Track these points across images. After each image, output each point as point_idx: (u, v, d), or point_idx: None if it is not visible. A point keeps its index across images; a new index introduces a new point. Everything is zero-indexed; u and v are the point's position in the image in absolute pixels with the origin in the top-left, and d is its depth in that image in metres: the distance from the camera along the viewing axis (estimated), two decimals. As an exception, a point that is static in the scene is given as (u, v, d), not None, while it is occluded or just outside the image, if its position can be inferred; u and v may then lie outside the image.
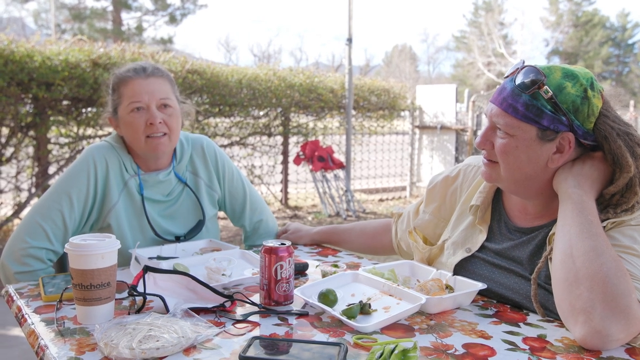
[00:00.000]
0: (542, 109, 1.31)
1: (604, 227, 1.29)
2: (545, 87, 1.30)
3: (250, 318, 1.30)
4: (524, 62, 1.37)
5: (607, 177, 1.34)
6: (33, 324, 1.26)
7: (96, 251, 1.24)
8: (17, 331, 3.58)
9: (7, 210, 5.99)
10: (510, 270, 1.45)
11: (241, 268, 1.70)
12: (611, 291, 1.12)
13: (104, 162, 1.83)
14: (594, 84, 1.33)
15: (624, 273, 1.16)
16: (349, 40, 7.84)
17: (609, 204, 1.33)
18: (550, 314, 1.33)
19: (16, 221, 5.71)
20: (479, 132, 1.44)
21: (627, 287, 1.14)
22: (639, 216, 1.31)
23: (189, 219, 1.98)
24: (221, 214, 2.16)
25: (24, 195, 5.86)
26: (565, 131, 1.32)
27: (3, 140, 5.54)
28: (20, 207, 5.70)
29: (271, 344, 1.14)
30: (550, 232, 1.37)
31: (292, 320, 1.30)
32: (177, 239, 1.91)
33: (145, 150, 1.83)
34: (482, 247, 1.53)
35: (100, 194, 1.83)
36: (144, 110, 1.79)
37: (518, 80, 1.34)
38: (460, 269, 1.55)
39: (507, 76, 1.40)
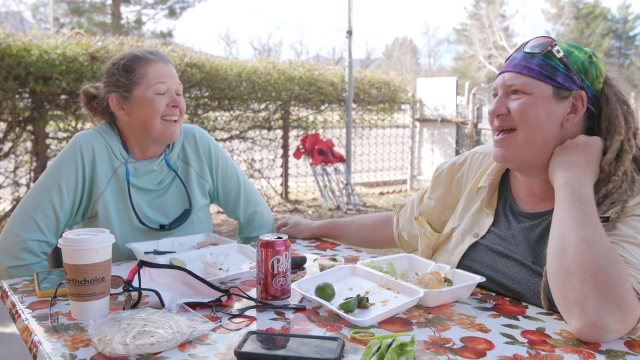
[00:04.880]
0: (556, 67, 1.37)
1: (609, 217, 1.28)
2: (557, 47, 1.37)
3: (247, 312, 1.28)
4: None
5: (599, 155, 1.35)
6: (27, 319, 1.25)
7: (90, 246, 1.22)
8: (15, 327, 3.58)
9: (6, 205, 5.99)
10: (512, 258, 1.44)
11: (239, 262, 1.68)
12: (604, 282, 1.11)
13: (91, 149, 1.81)
14: (596, 55, 1.43)
15: (617, 262, 1.14)
16: (349, 32, 7.81)
17: (606, 194, 1.31)
18: (554, 306, 1.31)
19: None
20: (493, 101, 1.44)
21: (621, 277, 1.12)
22: None
23: (177, 209, 1.95)
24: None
25: (22, 190, 5.85)
26: (577, 89, 1.37)
27: (1, 135, 5.53)
28: (18, 202, 5.68)
29: (267, 339, 1.12)
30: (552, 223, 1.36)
31: (289, 314, 1.28)
32: (162, 228, 1.89)
33: (160, 132, 1.81)
34: (488, 232, 1.53)
35: (89, 181, 1.81)
36: (165, 94, 1.81)
37: (527, 48, 1.41)
38: (463, 256, 1.54)
39: (516, 50, 1.45)
